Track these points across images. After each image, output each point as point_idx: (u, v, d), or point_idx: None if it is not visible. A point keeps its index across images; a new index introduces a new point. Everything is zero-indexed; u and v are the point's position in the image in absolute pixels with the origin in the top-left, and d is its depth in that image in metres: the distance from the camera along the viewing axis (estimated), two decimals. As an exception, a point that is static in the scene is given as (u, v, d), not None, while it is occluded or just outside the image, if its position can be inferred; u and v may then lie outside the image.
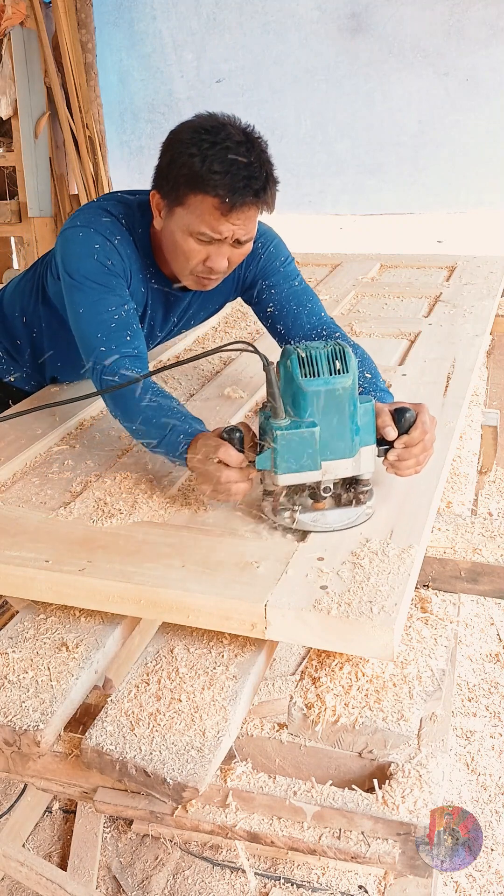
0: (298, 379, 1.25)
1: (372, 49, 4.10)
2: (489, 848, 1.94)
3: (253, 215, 1.53)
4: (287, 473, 1.27)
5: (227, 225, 1.50)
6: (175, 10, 4.30)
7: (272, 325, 1.82)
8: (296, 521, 1.32)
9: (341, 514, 1.34)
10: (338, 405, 1.26)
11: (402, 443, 1.35)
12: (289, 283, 1.81)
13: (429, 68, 4.06)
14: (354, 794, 1.06)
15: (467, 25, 3.94)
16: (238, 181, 1.45)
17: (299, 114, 4.29)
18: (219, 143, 1.46)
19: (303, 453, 1.26)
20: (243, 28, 4.24)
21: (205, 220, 1.50)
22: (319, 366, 1.26)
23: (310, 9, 4.11)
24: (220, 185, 1.45)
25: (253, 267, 1.80)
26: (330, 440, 1.27)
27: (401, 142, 4.22)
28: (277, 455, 1.26)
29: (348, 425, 1.28)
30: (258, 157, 1.50)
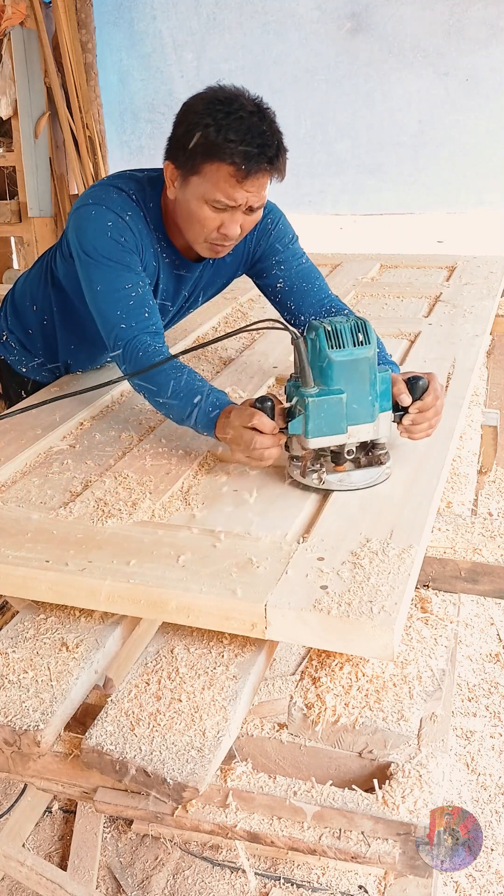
0: (326, 350, 1.37)
1: (372, 49, 4.10)
2: (489, 848, 1.94)
3: (265, 182, 1.58)
4: (317, 437, 1.40)
5: (242, 192, 1.55)
6: (175, 10, 4.30)
7: (281, 301, 1.88)
8: (323, 482, 1.43)
9: (364, 474, 1.45)
10: (361, 374, 1.39)
11: (417, 408, 1.46)
12: (297, 260, 1.87)
13: (429, 68, 4.06)
14: (354, 794, 1.06)
15: (467, 25, 3.94)
16: (253, 149, 1.50)
17: (299, 114, 4.29)
18: (233, 112, 1.51)
19: (331, 418, 1.39)
20: (243, 28, 4.24)
21: (220, 188, 1.54)
22: (344, 338, 1.38)
23: (310, 9, 4.11)
24: (235, 153, 1.50)
25: (263, 242, 1.84)
26: (354, 406, 1.40)
27: (401, 142, 4.22)
28: (309, 420, 1.38)
29: (370, 392, 1.41)
30: (270, 125, 1.55)
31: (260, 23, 4.21)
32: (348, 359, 1.38)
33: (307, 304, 1.85)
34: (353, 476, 1.45)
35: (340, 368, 1.38)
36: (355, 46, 4.12)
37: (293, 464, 1.48)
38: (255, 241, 1.84)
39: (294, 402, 1.42)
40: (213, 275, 1.89)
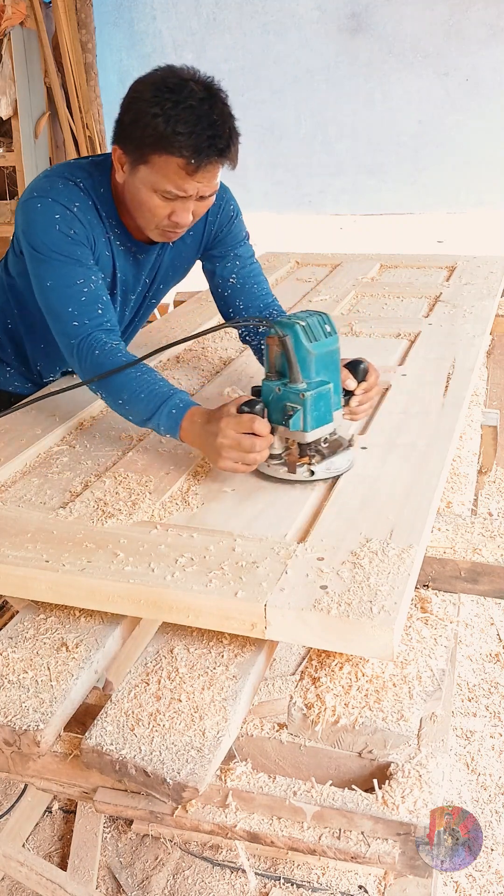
0: (306, 344, 1.42)
1: (372, 49, 4.10)
2: (489, 848, 1.94)
3: (216, 171, 1.55)
4: (314, 429, 1.44)
5: (193, 183, 1.52)
6: (175, 10, 4.31)
7: (229, 297, 1.88)
8: (314, 473, 1.47)
9: (342, 457, 1.50)
10: (334, 363, 1.48)
11: (362, 389, 1.54)
12: (250, 258, 1.89)
13: (429, 68, 4.06)
14: (354, 794, 1.06)
15: (467, 25, 3.95)
16: (202, 141, 1.46)
17: (299, 114, 4.30)
18: (181, 101, 1.46)
19: (324, 409, 1.44)
20: (243, 28, 4.25)
21: (170, 180, 1.51)
22: (316, 331, 1.43)
23: (310, 9, 4.11)
24: (184, 146, 1.46)
25: (225, 229, 1.84)
26: (333, 395, 1.46)
27: (401, 142, 4.23)
28: (307, 414, 1.42)
29: (339, 380, 1.49)
30: (221, 113, 1.51)
31: (260, 23, 4.21)
32: (326, 351, 1.44)
33: (254, 306, 1.86)
34: (336, 462, 1.49)
35: (320, 360, 1.43)
36: (355, 46, 4.12)
37: (273, 463, 1.49)
38: (216, 225, 1.83)
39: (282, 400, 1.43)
40: (174, 258, 1.86)
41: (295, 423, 1.42)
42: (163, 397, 1.48)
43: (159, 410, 1.47)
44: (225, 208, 1.84)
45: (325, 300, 2.73)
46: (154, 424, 1.49)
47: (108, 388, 1.54)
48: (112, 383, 1.52)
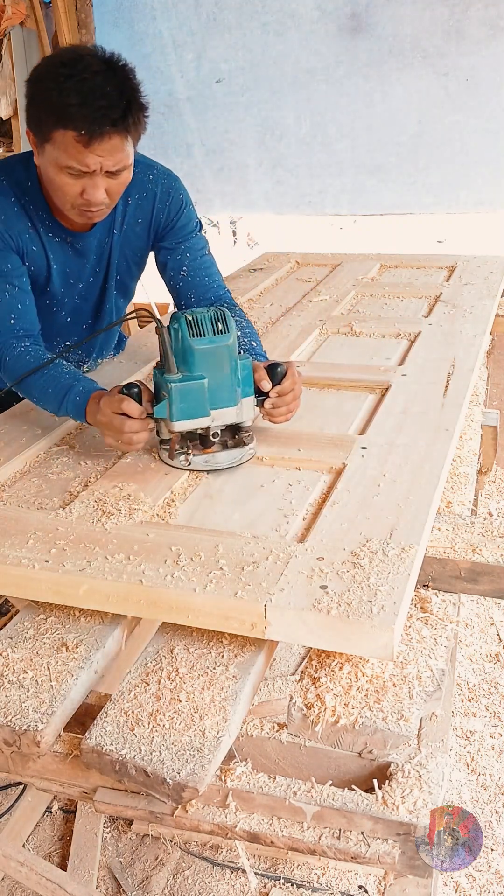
0: (188, 339, 1.45)
1: (372, 49, 4.10)
2: (489, 848, 1.94)
3: (119, 145, 1.52)
4: (182, 420, 1.48)
5: (92, 157, 1.50)
6: (175, 10, 4.30)
7: (181, 290, 1.88)
8: (190, 463, 1.53)
9: (228, 454, 1.55)
10: (221, 361, 1.48)
11: (276, 392, 1.55)
12: (202, 250, 1.89)
13: (429, 68, 4.06)
14: (354, 795, 1.06)
15: (467, 25, 3.94)
16: (95, 111, 1.44)
17: (299, 114, 4.29)
18: (75, 74, 1.45)
19: (195, 402, 1.47)
20: (243, 28, 4.24)
21: (70, 154, 1.50)
22: (205, 327, 1.46)
23: (310, 9, 4.11)
24: (76, 117, 1.45)
25: (174, 219, 1.83)
26: (216, 391, 1.48)
27: (401, 142, 4.22)
28: (173, 404, 1.46)
29: (231, 378, 1.49)
30: (119, 84, 1.48)
31: (260, 23, 4.21)
32: (208, 347, 1.46)
33: (205, 298, 1.87)
34: (219, 457, 1.54)
35: (201, 356, 1.46)
36: (355, 46, 4.12)
37: (162, 447, 1.57)
38: (165, 214, 1.82)
39: (159, 388, 1.50)
40: (123, 245, 1.85)
41: (160, 411, 1.47)
42: (66, 388, 1.56)
43: (65, 399, 1.55)
44: (174, 198, 1.83)
45: (325, 300, 2.73)
46: (64, 413, 1.58)
47: (23, 388, 1.64)
48: (26, 384, 1.62)
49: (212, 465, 1.53)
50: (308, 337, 2.34)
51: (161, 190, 1.81)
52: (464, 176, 4.18)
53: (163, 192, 1.81)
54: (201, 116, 4.45)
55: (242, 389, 1.52)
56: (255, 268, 3.34)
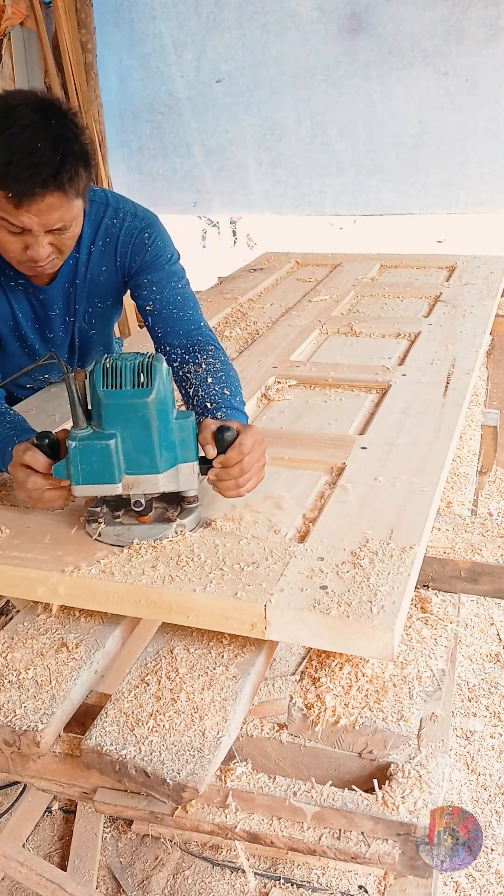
0: (99, 390, 1.23)
1: (372, 49, 4.10)
2: (489, 848, 1.94)
3: (55, 203, 1.39)
4: (83, 485, 1.25)
5: (27, 217, 1.39)
6: (175, 10, 4.30)
7: (151, 326, 1.74)
8: (100, 534, 1.31)
9: (147, 529, 1.31)
10: (140, 419, 1.24)
11: (219, 462, 1.31)
12: (171, 283, 1.73)
13: (429, 68, 4.06)
14: (354, 795, 1.06)
15: (467, 25, 3.94)
16: (23, 171, 1.33)
17: (299, 114, 4.29)
18: (5, 129, 1.34)
19: (99, 465, 1.24)
20: (243, 28, 4.24)
21: (5, 211, 1.39)
22: (123, 378, 1.24)
23: (310, 9, 4.11)
24: (4, 178, 1.34)
25: (139, 258, 1.71)
26: (133, 454, 1.25)
27: (401, 142, 4.22)
28: (71, 465, 1.24)
29: (154, 440, 1.25)
30: (52, 138, 1.36)
31: (260, 23, 4.21)
32: (122, 402, 1.23)
33: (173, 332, 1.70)
34: (134, 531, 1.31)
35: (113, 411, 1.23)
36: (355, 46, 4.12)
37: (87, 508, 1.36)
38: (129, 257, 1.71)
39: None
40: (90, 291, 1.75)
41: (59, 470, 1.25)
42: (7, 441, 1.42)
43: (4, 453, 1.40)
44: (138, 237, 1.70)
45: (325, 300, 2.73)
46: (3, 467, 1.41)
47: None
48: None
49: (123, 540, 1.30)
50: (308, 337, 2.34)
51: (124, 233, 1.68)
52: (464, 176, 4.18)
53: (126, 235, 1.68)
54: (201, 116, 4.45)
55: (179, 454, 1.29)
56: (255, 268, 3.34)
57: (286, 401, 1.94)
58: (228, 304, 2.72)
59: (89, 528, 1.33)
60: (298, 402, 1.93)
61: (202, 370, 1.59)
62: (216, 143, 4.48)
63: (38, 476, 1.27)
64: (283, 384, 2.02)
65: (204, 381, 1.55)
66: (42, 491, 1.28)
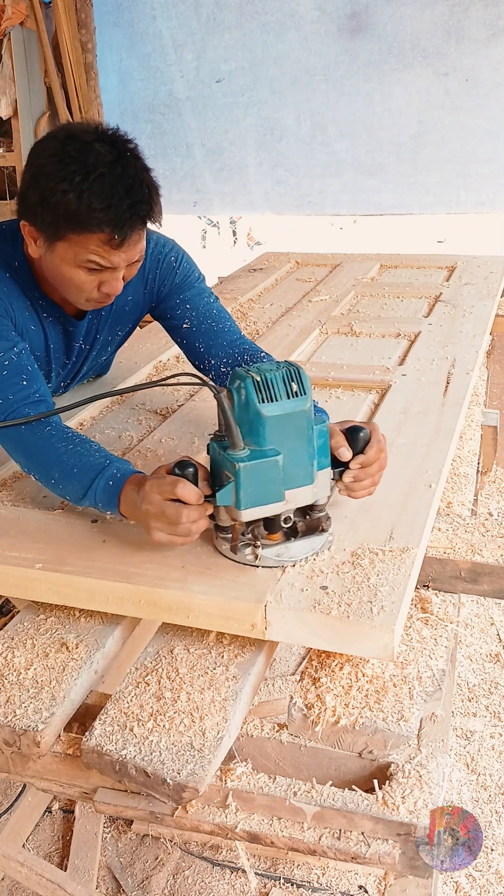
0: (256, 405, 1.16)
1: (372, 49, 4.10)
2: (489, 848, 1.94)
3: (143, 234, 1.41)
4: (251, 507, 1.19)
5: (119, 255, 1.38)
6: (175, 10, 4.30)
7: (189, 345, 1.72)
8: (259, 558, 1.24)
9: (304, 544, 1.26)
10: (298, 430, 1.19)
11: (358, 463, 1.28)
12: (204, 299, 1.73)
13: (429, 68, 4.06)
14: (354, 795, 1.06)
15: (467, 25, 3.94)
16: (122, 212, 1.32)
17: (299, 114, 4.29)
18: (91, 171, 1.31)
19: (267, 485, 1.18)
20: (243, 28, 4.24)
21: (94, 253, 1.37)
22: (276, 389, 1.17)
23: (310, 9, 4.11)
24: (104, 222, 1.32)
25: (168, 282, 1.70)
26: (291, 467, 1.20)
27: (401, 142, 4.22)
28: (240, 489, 1.16)
29: (307, 450, 1.21)
30: (135, 172, 1.36)
31: (260, 23, 4.21)
32: (282, 413, 1.17)
33: (217, 344, 1.67)
34: (293, 548, 1.25)
35: (274, 425, 1.17)
36: (355, 46, 4.12)
37: (220, 536, 1.27)
38: (157, 283, 1.70)
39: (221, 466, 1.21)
40: (113, 321, 1.74)
41: (224, 498, 1.18)
42: (97, 469, 1.30)
43: (94, 484, 1.29)
44: (165, 262, 1.69)
45: (324, 300, 2.73)
46: (91, 501, 1.30)
47: (39, 465, 1.37)
48: (43, 460, 1.36)
49: (285, 558, 1.23)
50: (308, 337, 2.34)
51: (150, 259, 1.66)
52: (464, 176, 4.18)
53: (152, 262, 1.67)
54: (201, 116, 4.45)
55: (318, 461, 1.23)
56: (255, 268, 3.34)
57: (286, 401, 1.93)
58: (228, 304, 2.72)
59: (241, 555, 1.24)
60: (298, 402, 1.93)
61: None
62: (216, 143, 4.48)
63: (192, 509, 1.18)
64: (283, 384, 2.01)
65: None
66: (192, 524, 1.19)
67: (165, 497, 1.18)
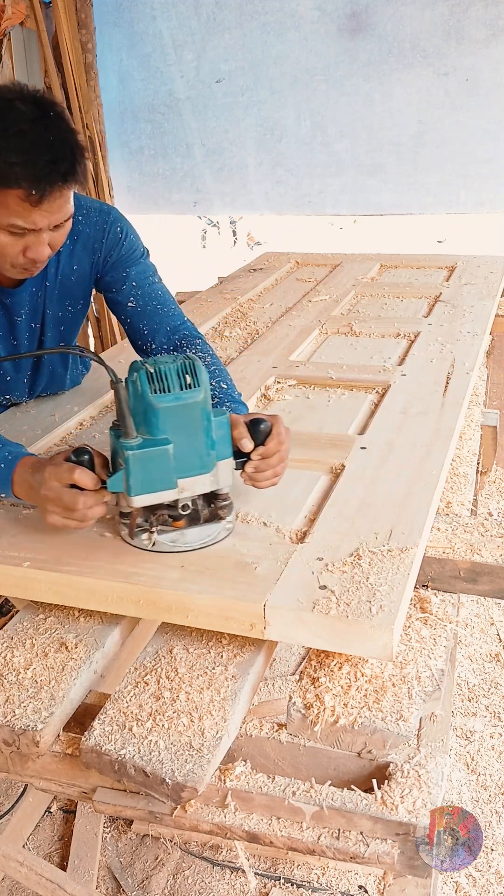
0: (148, 395, 1.21)
1: (372, 49, 4.10)
2: (489, 848, 1.94)
3: (67, 196, 1.38)
4: (142, 494, 1.23)
5: (41, 214, 1.36)
6: (175, 10, 4.30)
7: (133, 325, 1.71)
8: (154, 543, 1.29)
9: (200, 531, 1.31)
10: (191, 420, 1.24)
11: (259, 454, 1.32)
12: (149, 279, 1.71)
13: (429, 68, 4.05)
14: (353, 795, 1.06)
15: (467, 25, 3.94)
16: (42, 169, 1.30)
17: (299, 114, 4.29)
18: (10, 127, 1.29)
19: (157, 472, 1.22)
20: (243, 28, 4.24)
21: (15, 214, 1.34)
22: (170, 381, 1.22)
23: (310, 9, 4.11)
24: (22, 177, 1.30)
25: (115, 253, 1.68)
26: (185, 456, 1.24)
27: (401, 142, 4.22)
28: (130, 476, 1.21)
29: (203, 440, 1.26)
30: (58, 130, 1.33)
31: (260, 23, 4.21)
32: (175, 404, 1.22)
33: (161, 329, 1.69)
34: (188, 535, 1.30)
35: (166, 415, 1.22)
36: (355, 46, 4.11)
37: (121, 521, 1.32)
38: (104, 252, 1.67)
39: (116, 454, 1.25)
40: (60, 294, 1.71)
41: (115, 484, 1.23)
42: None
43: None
44: (111, 231, 1.67)
45: (324, 300, 2.73)
46: None
47: None
48: None
49: (180, 545, 1.29)
50: (308, 337, 2.34)
51: (94, 229, 1.65)
52: (464, 176, 4.18)
53: (97, 231, 1.65)
54: (201, 116, 4.45)
55: (218, 451, 1.28)
56: (255, 268, 3.34)
57: (286, 401, 1.94)
58: (228, 304, 2.72)
59: (138, 540, 1.29)
60: (298, 402, 1.93)
61: None
62: (216, 143, 4.48)
63: (88, 495, 1.23)
64: (283, 384, 2.02)
65: None
66: (88, 509, 1.24)
67: (63, 483, 1.23)
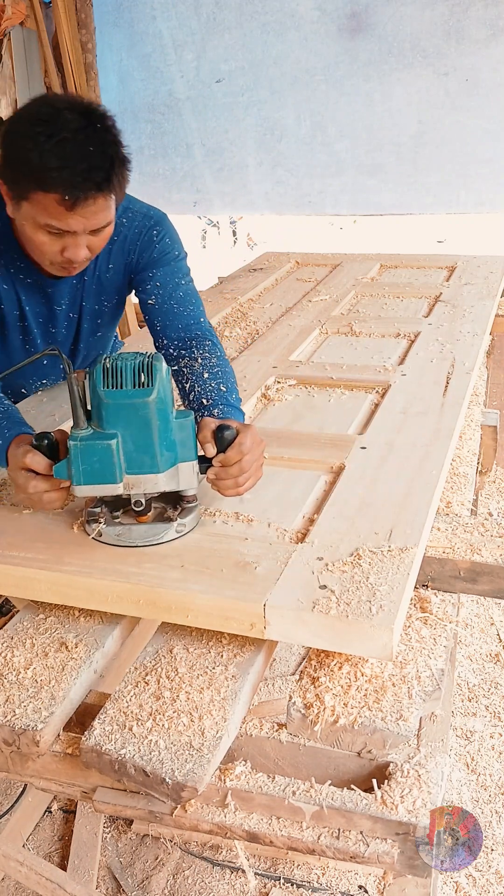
0: (100, 390, 1.24)
1: (372, 49, 4.10)
2: (489, 848, 1.94)
3: (103, 205, 1.43)
4: (84, 485, 1.25)
5: (76, 219, 1.42)
6: (175, 10, 4.30)
7: (150, 320, 1.76)
8: (101, 534, 1.31)
9: (147, 529, 1.32)
10: (141, 419, 1.24)
11: (219, 461, 1.32)
12: (175, 280, 1.75)
13: (429, 68, 4.06)
14: (353, 794, 1.06)
15: (467, 25, 3.94)
16: (77, 175, 1.36)
17: (299, 114, 4.29)
18: (55, 133, 1.36)
19: (100, 465, 1.24)
20: (243, 28, 4.24)
21: (51, 215, 1.41)
22: (124, 378, 1.24)
23: (310, 9, 4.11)
24: (58, 182, 1.36)
25: (146, 254, 1.73)
26: (134, 453, 1.26)
27: (401, 142, 4.22)
28: (72, 465, 1.24)
29: (155, 440, 1.26)
30: (100, 142, 1.40)
31: (260, 23, 4.21)
32: (123, 401, 1.23)
33: (172, 326, 1.72)
34: (135, 531, 1.31)
35: (114, 411, 1.23)
36: (355, 46, 4.12)
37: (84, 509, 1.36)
38: (137, 254, 1.73)
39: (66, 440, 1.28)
40: (97, 289, 1.77)
41: (60, 470, 1.26)
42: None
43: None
44: (146, 235, 1.72)
45: (325, 300, 2.73)
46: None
47: None
48: None
49: (124, 539, 1.30)
50: (308, 337, 2.34)
51: (133, 231, 1.71)
52: (464, 176, 4.18)
53: (134, 233, 1.71)
54: (201, 116, 4.45)
55: (179, 453, 1.29)
56: (255, 268, 3.34)
57: (286, 401, 1.94)
58: (228, 304, 2.72)
59: (89, 529, 1.33)
60: (298, 401, 1.93)
61: (198, 365, 1.59)
62: (216, 143, 4.48)
63: (39, 479, 1.28)
64: (283, 384, 2.02)
65: (200, 377, 1.56)
66: (42, 493, 1.29)
67: (18, 466, 1.29)
